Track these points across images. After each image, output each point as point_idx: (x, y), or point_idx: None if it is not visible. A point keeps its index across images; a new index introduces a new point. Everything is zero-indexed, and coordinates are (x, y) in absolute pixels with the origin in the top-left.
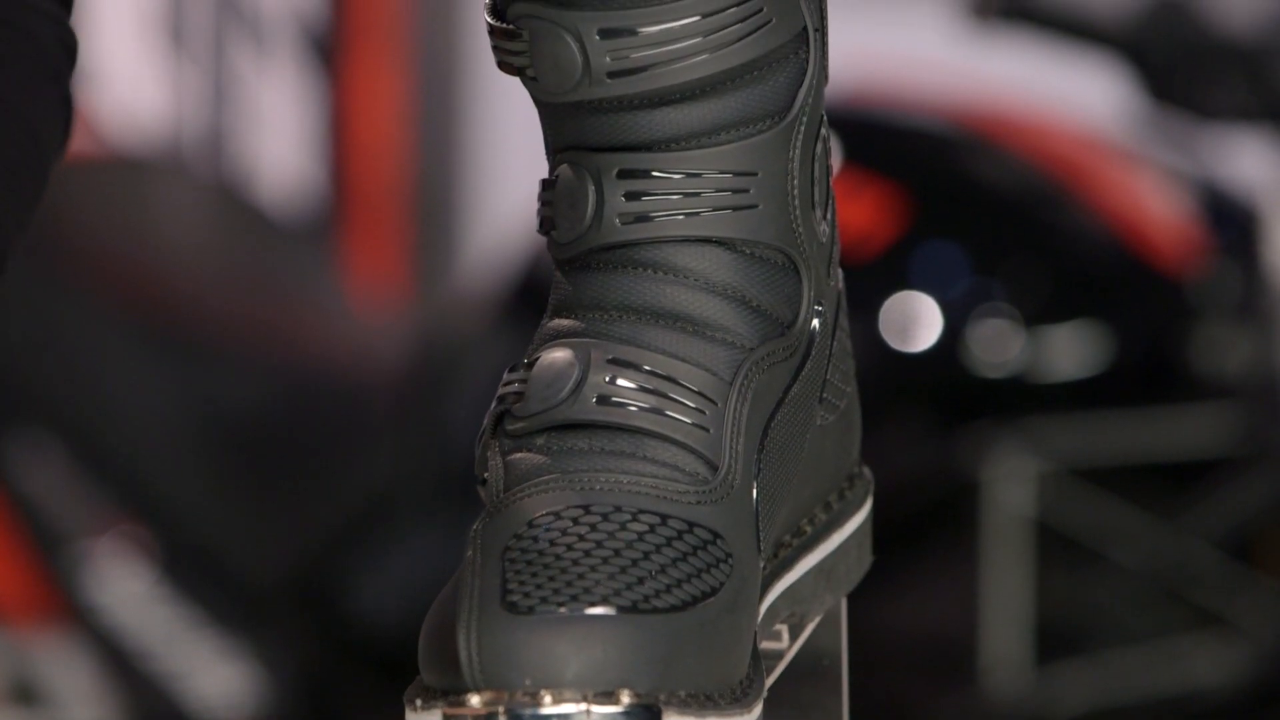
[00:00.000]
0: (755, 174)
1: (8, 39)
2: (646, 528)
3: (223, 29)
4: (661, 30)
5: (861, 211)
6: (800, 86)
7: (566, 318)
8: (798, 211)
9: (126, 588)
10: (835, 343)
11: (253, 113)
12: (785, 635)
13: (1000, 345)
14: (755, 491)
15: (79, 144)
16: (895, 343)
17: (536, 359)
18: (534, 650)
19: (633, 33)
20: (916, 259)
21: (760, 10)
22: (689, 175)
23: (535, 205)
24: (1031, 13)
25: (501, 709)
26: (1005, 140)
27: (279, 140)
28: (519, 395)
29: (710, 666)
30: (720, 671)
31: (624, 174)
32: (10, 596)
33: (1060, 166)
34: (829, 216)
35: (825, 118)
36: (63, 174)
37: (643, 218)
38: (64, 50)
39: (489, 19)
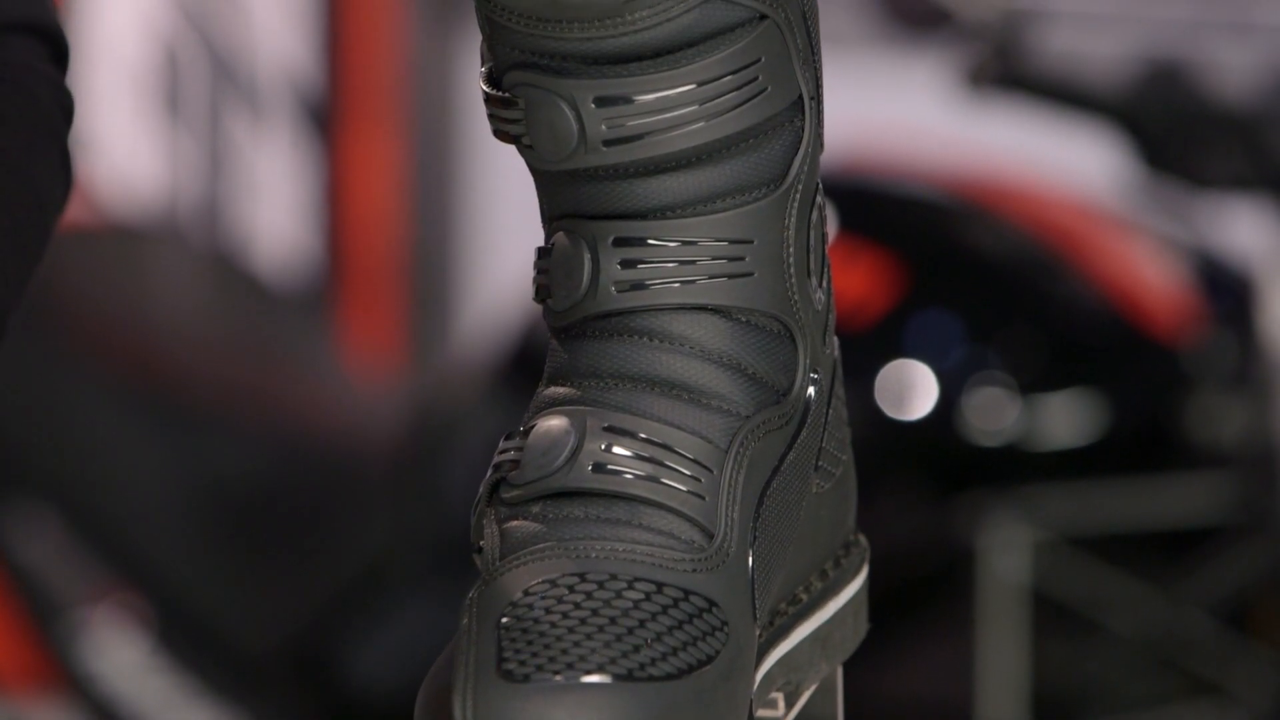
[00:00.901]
0: (751, 242)
1: (8, 97)
2: (642, 595)
3: (218, 97)
4: (657, 98)
5: (857, 280)
6: (796, 154)
7: (562, 385)
8: (793, 279)
9: (123, 656)
10: (831, 410)
11: (248, 181)
12: (781, 703)
13: (995, 413)
14: (751, 559)
15: (75, 212)
16: (891, 411)
17: (532, 426)
18: (530, 718)
19: (628, 101)
20: (911, 327)
21: (756, 79)
22: (685, 243)
23: (531, 273)
24: (1026, 81)
25: None
26: (1000, 208)
27: (275, 208)
28: (515, 463)
29: None
30: None
31: (620, 242)
32: (7, 665)
33: (1055, 235)
34: (824, 284)
35: (820, 185)
36: (59, 242)
37: (638, 285)
38: (62, 110)
39: (485, 87)
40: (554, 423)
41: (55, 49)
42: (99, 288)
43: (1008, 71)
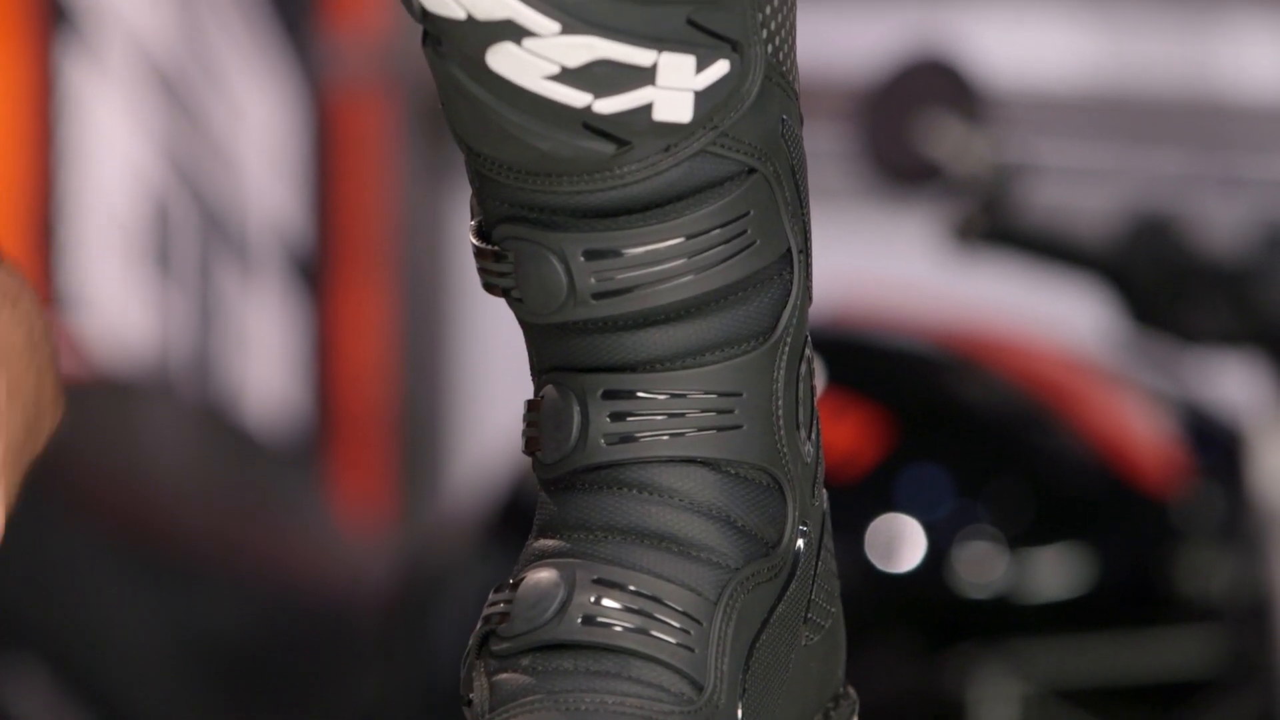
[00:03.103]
0: (740, 394)
1: None
2: None
3: (209, 252)
4: (646, 251)
5: (846, 433)
6: (784, 307)
7: (552, 538)
8: (782, 432)
9: None
10: (820, 563)
11: (238, 335)
12: None
13: (985, 567)
14: (740, 712)
15: (65, 367)
16: (880, 563)
17: (522, 579)
18: None
19: (618, 254)
20: (901, 481)
21: (745, 232)
22: (674, 396)
23: (520, 426)
24: (1015, 235)
25: None
26: (989, 362)
27: (265, 362)
28: (504, 615)
29: None
30: None
31: (609, 394)
32: None
33: (1044, 389)
34: (813, 437)
35: (809, 338)
36: None
37: (628, 438)
38: None
39: (474, 240)
40: (543, 575)
41: None
42: (89, 441)
43: (996, 225)
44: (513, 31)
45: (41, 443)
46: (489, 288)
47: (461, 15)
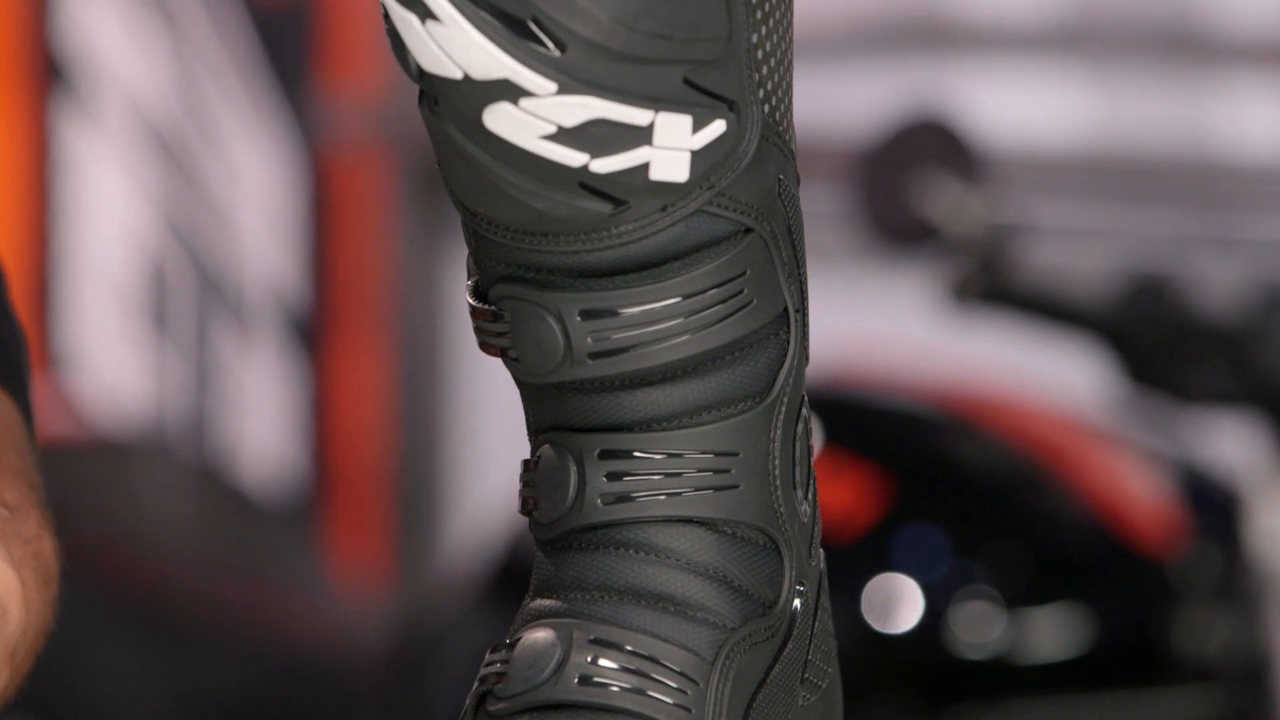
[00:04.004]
0: (737, 454)
1: None
2: None
3: (205, 312)
4: (643, 311)
5: (843, 493)
6: (781, 367)
7: (548, 598)
8: (779, 492)
9: None
10: (817, 623)
11: (235, 395)
12: None
13: (982, 627)
14: None
15: (62, 428)
16: (877, 624)
17: (518, 639)
18: None
19: (614, 314)
20: (898, 541)
21: (741, 291)
22: (670, 455)
23: (517, 486)
24: (1011, 295)
25: None
26: (986, 423)
27: (261, 423)
28: (501, 675)
29: None
30: None
31: (605, 454)
32: None
33: (1041, 449)
34: (810, 496)
35: (806, 398)
36: (45, 458)
37: (624, 498)
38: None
39: (471, 300)
40: (540, 635)
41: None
42: (85, 502)
43: (993, 285)
44: (509, 91)
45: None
46: (485, 347)
47: (458, 75)
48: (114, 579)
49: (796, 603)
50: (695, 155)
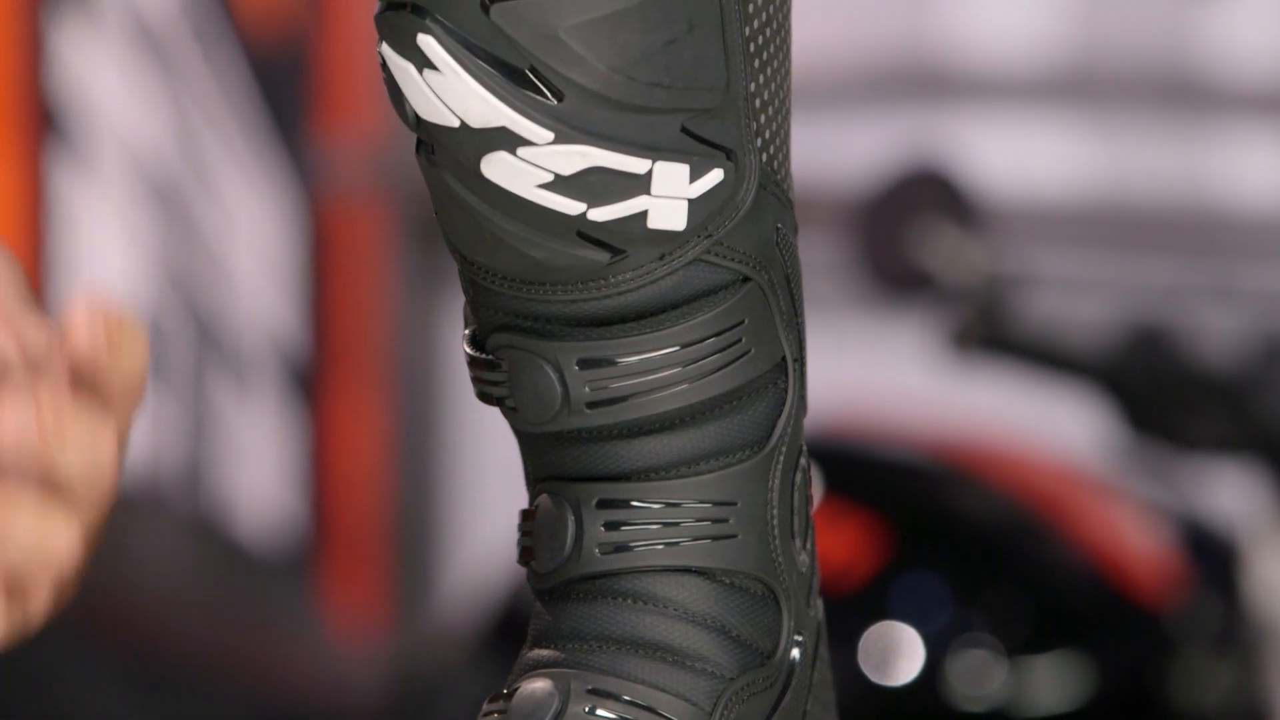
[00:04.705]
0: (734, 504)
1: None
2: None
3: (202, 361)
4: (641, 360)
5: (842, 543)
6: (779, 416)
7: (546, 648)
8: (777, 541)
9: None
10: (815, 673)
11: (232, 446)
12: None
13: (981, 677)
14: None
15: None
16: (874, 675)
17: (516, 689)
18: None
19: (612, 363)
20: (897, 590)
21: (739, 341)
22: (668, 505)
23: (515, 536)
24: (1011, 344)
25: None
26: (985, 473)
27: (259, 473)
28: None
29: None
30: None
31: (603, 504)
32: None
33: (1040, 500)
34: (808, 546)
35: (804, 447)
36: None
37: (622, 547)
38: None
39: (468, 349)
40: (538, 685)
41: None
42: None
43: (993, 334)
44: (507, 139)
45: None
46: (483, 397)
47: (455, 123)
48: (110, 631)
49: (795, 653)
50: (693, 204)
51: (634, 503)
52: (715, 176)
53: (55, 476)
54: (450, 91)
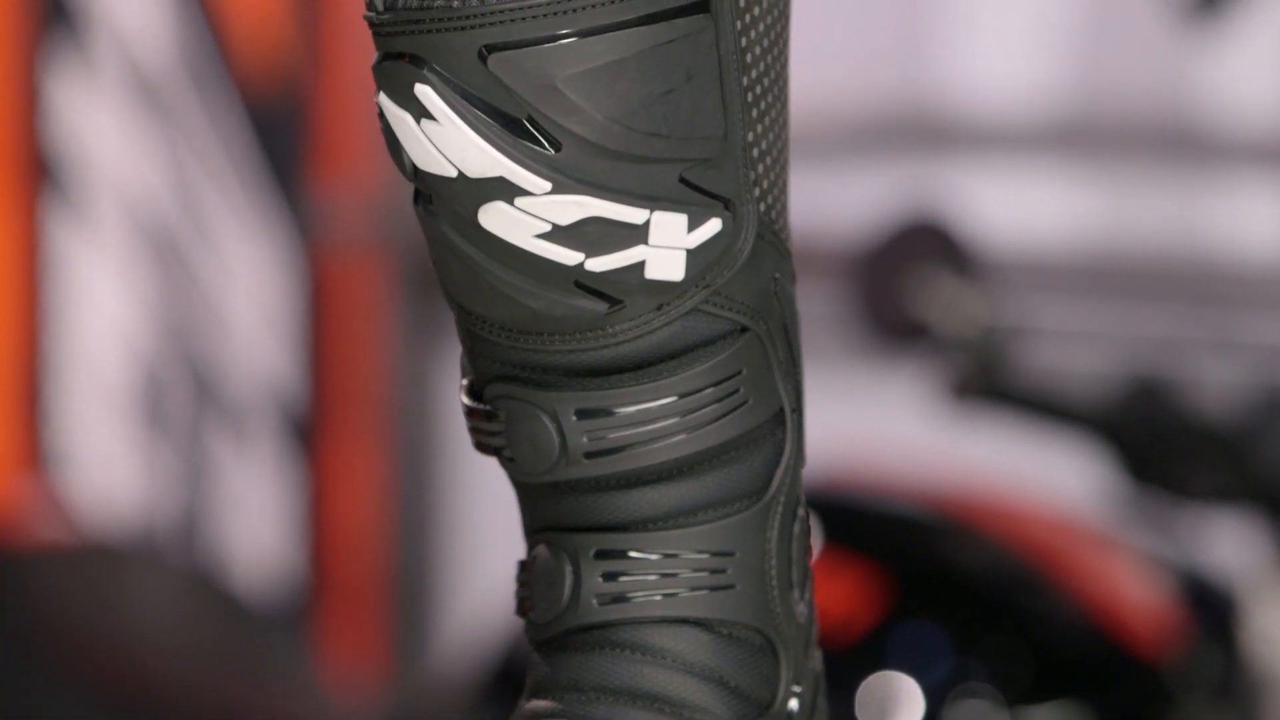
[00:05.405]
0: (732, 554)
1: None
2: None
3: (199, 412)
4: (639, 410)
5: (841, 594)
6: (777, 467)
7: (544, 698)
8: (775, 592)
9: None
10: None
11: (230, 497)
12: None
13: None
14: None
15: (53, 531)
16: None
17: None
18: None
19: (609, 413)
20: (895, 640)
21: (737, 391)
22: (666, 556)
23: (513, 587)
24: (1011, 395)
25: None
26: (984, 526)
27: (256, 524)
28: None
29: None
30: None
31: (601, 554)
32: None
33: (1038, 552)
34: (806, 596)
35: (803, 498)
36: (37, 562)
37: (620, 598)
38: None
39: (465, 400)
40: None
41: None
42: (77, 606)
43: (992, 385)
44: (504, 190)
45: None
46: (481, 447)
47: (453, 173)
48: (105, 682)
49: (793, 703)
50: (691, 254)
51: (632, 553)
52: (713, 226)
53: None
54: (448, 141)
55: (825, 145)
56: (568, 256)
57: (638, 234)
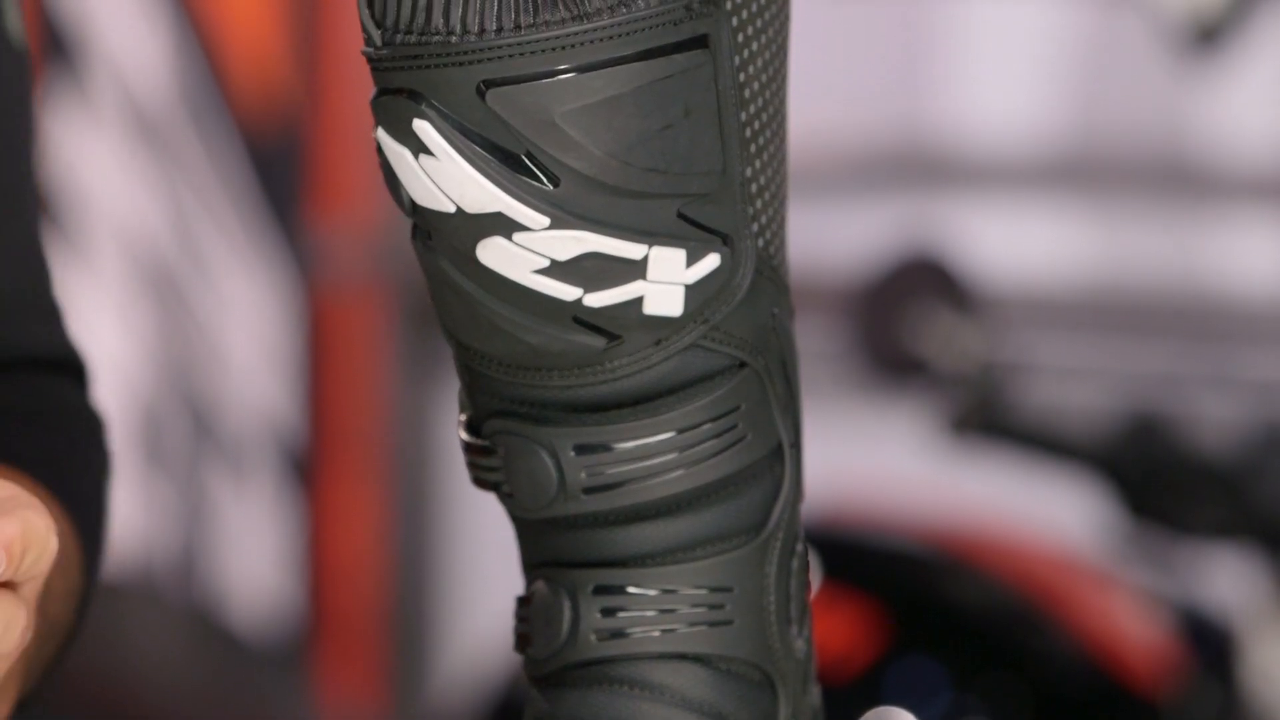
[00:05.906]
0: (731, 590)
1: (60, 447)
2: None
3: (198, 449)
4: (637, 446)
5: (840, 630)
6: (775, 502)
7: None
8: (774, 627)
9: None
10: None
11: (228, 533)
12: None
13: None
14: None
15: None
16: None
17: None
18: None
19: (608, 449)
20: (894, 675)
21: (736, 426)
22: (665, 591)
23: (512, 622)
24: (1008, 430)
25: None
26: (983, 562)
27: (254, 560)
28: None
29: None
30: None
31: (600, 590)
32: None
33: (1036, 589)
34: (805, 632)
35: (801, 533)
36: None
37: (618, 634)
38: (102, 447)
39: (463, 435)
40: None
41: (79, 376)
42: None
43: (991, 420)
44: (503, 225)
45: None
46: (479, 483)
47: (451, 208)
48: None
49: None
50: (689, 289)
51: (630, 589)
52: (712, 262)
53: None
54: (446, 177)
55: (824, 181)
56: (566, 292)
57: (636, 269)
